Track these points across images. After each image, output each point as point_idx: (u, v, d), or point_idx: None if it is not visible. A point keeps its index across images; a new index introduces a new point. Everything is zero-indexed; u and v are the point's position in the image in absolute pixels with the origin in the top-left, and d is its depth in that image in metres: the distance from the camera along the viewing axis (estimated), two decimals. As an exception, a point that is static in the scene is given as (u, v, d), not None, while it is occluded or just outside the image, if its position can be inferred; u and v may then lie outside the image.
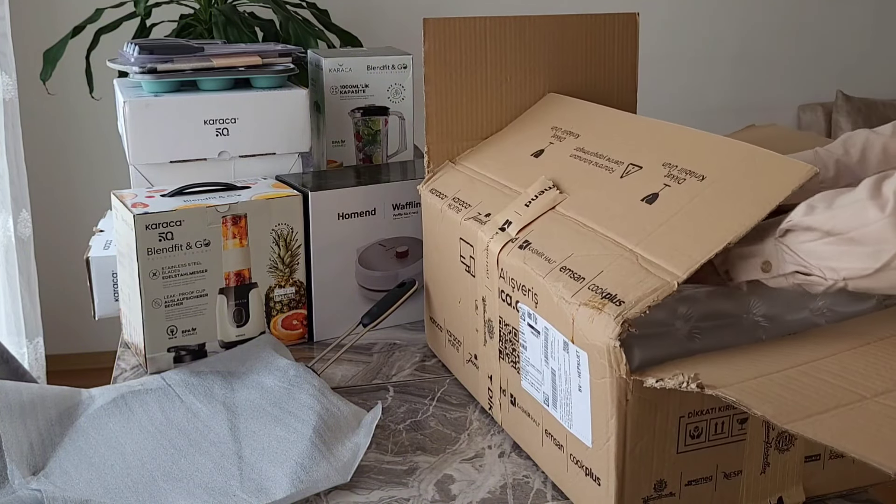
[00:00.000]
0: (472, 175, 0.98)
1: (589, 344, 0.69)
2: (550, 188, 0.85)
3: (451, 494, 0.80)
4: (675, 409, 0.70)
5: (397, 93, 1.29)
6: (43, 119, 2.66)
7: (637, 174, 0.80)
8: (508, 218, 0.86)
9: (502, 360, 0.87)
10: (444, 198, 0.98)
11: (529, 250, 0.80)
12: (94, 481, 0.80)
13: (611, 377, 0.67)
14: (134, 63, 1.14)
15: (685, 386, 0.62)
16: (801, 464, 0.76)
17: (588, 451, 0.73)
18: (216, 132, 1.14)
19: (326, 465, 0.82)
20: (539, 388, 0.80)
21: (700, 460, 0.72)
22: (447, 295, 0.99)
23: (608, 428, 0.69)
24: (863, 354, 0.69)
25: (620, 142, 0.87)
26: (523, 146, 0.97)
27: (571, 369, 0.73)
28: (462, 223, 0.92)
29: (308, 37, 2.17)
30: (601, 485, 0.72)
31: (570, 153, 0.90)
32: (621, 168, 0.82)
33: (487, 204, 0.91)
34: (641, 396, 0.67)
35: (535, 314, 0.78)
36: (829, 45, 3.27)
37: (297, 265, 1.07)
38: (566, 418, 0.76)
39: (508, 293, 0.83)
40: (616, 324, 0.66)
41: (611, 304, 0.67)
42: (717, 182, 0.72)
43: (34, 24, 2.59)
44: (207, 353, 1.03)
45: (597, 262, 0.73)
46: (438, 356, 1.06)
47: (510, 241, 0.83)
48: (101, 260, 1.12)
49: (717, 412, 0.71)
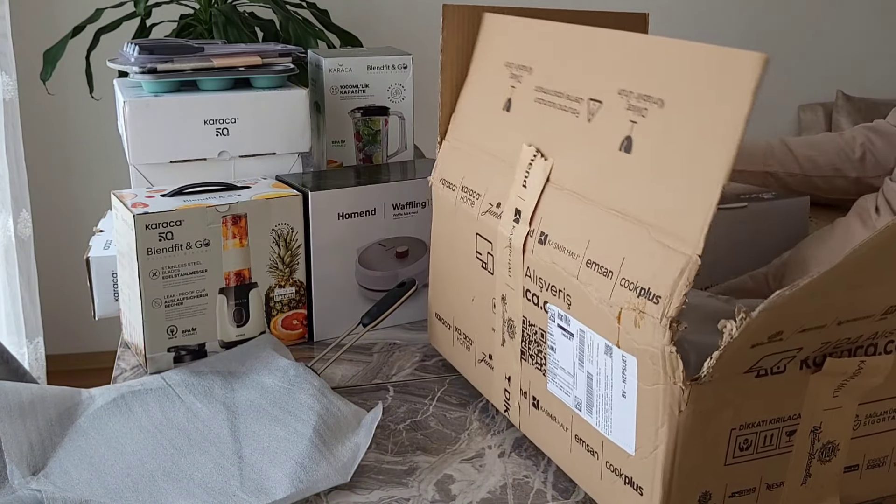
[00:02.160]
0: (467, 150, 0.95)
1: (639, 349, 0.67)
2: (535, 156, 0.83)
3: (451, 494, 0.80)
4: (728, 421, 0.68)
5: (397, 93, 1.29)
6: (43, 119, 2.66)
7: (601, 113, 0.76)
8: (517, 206, 0.84)
9: (524, 361, 0.85)
10: (454, 189, 0.96)
11: (550, 245, 0.78)
12: (94, 481, 0.80)
13: (665, 384, 0.65)
14: (134, 63, 1.14)
15: (734, 332, 0.60)
16: (841, 474, 0.75)
17: (629, 459, 0.71)
18: (216, 132, 1.14)
19: (326, 465, 0.81)
20: (570, 393, 0.78)
21: (746, 472, 0.71)
22: (458, 292, 0.97)
23: (657, 437, 0.67)
24: None
25: (572, 69, 0.82)
26: (492, 98, 0.93)
27: (615, 374, 0.71)
28: (479, 218, 0.90)
29: (308, 37, 2.17)
30: (643, 494, 0.69)
31: (533, 98, 0.86)
32: (584, 108, 0.78)
33: (493, 189, 0.89)
34: (696, 408, 0.65)
35: (568, 316, 0.76)
36: (829, 45, 3.27)
37: (297, 265, 1.07)
38: (604, 424, 0.73)
39: (535, 293, 0.81)
40: (664, 327, 0.63)
41: (649, 302, 0.65)
42: (677, 105, 0.68)
43: (34, 24, 2.59)
44: (207, 353, 1.03)
45: (616, 248, 0.70)
46: (443, 354, 1.05)
47: (528, 234, 0.81)
48: (101, 260, 1.12)
49: (769, 424, 0.70)
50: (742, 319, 0.60)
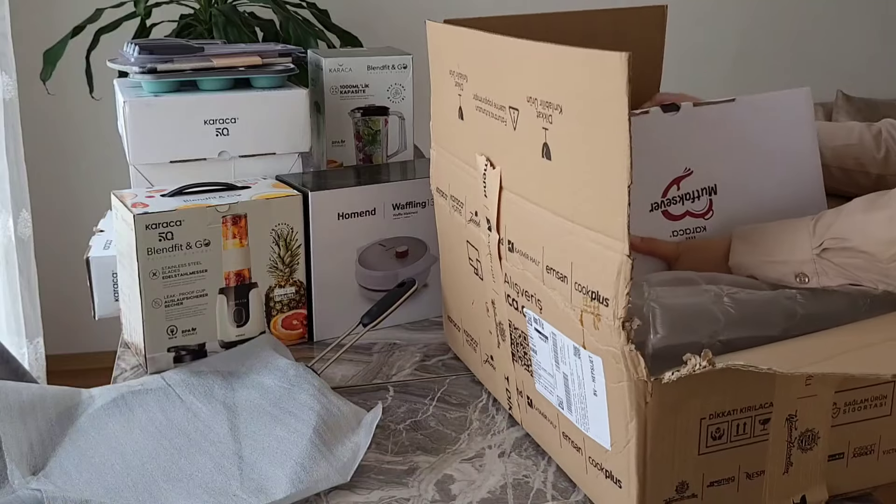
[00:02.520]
0: (448, 158, 0.97)
1: (602, 349, 0.69)
2: (486, 166, 0.84)
3: (451, 494, 0.80)
4: (696, 411, 0.70)
5: (397, 93, 1.29)
6: (43, 119, 2.66)
7: (521, 121, 0.77)
8: (486, 215, 0.85)
9: (516, 362, 0.87)
10: (445, 197, 0.98)
11: (517, 252, 0.80)
12: (94, 481, 0.80)
13: (628, 381, 0.67)
14: (134, 63, 1.14)
15: (697, 368, 0.62)
16: (825, 463, 0.76)
17: (607, 454, 0.72)
18: (216, 132, 1.14)
19: (326, 465, 0.81)
20: (552, 392, 0.80)
21: (722, 461, 0.72)
22: (462, 295, 0.99)
23: (628, 431, 0.69)
24: (877, 323, 0.70)
25: (494, 77, 0.83)
26: (448, 105, 0.94)
27: (585, 374, 0.73)
28: (466, 226, 0.92)
29: (308, 37, 2.17)
30: (622, 487, 0.71)
31: (475, 106, 0.87)
32: (508, 116, 0.79)
33: (470, 198, 0.90)
34: (661, 399, 0.67)
35: (541, 320, 0.78)
36: (829, 46, 3.27)
37: (297, 265, 1.07)
38: (582, 421, 0.75)
39: (515, 298, 0.83)
40: (618, 329, 0.66)
41: (601, 305, 0.67)
42: (572, 109, 0.69)
43: (34, 24, 2.59)
44: (207, 353, 1.03)
45: (566, 253, 0.72)
46: (458, 355, 1.06)
47: (500, 241, 0.83)
48: (101, 260, 1.12)
49: (739, 413, 0.71)
50: (707, 363, 0.63)
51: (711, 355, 0.63)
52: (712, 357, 0.62)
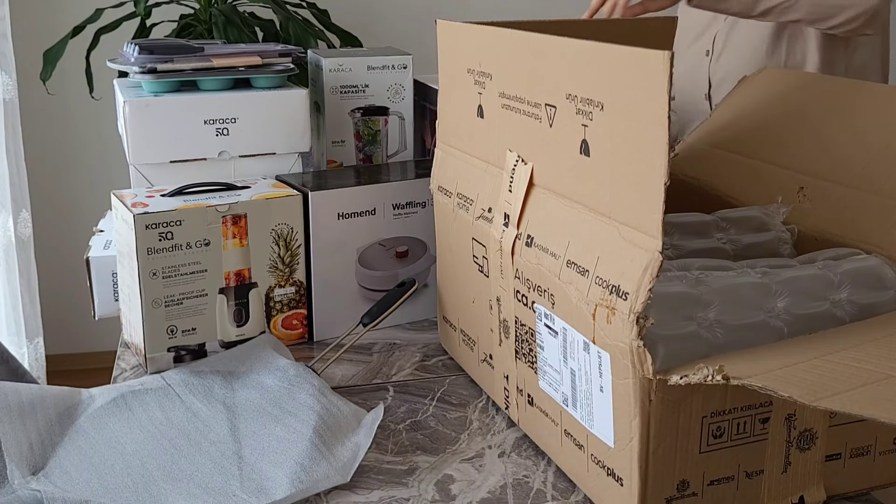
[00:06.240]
0: (457, 156, 0.98)
1: (611, 345, 0.70)
2: (517, 161, 0.85)
3: (451, 494, 0.80)
4: (698, 409, 0.70)
5: (397, 93, 1.29)
6: (43, 119, 2.66)
7: (559, 119, 0.78)
8: (506, 211, 0.86)
9: (519, 360, 0.87)
10: (450, 196, 0.98)
11: (536, 247, 0.81)
12: (93, 481, 0.80)
13: (634, 377, 0.67)
14: (134, 63, 1.14)
15: (710, 379, 0.62)
16: (823, 463, 0.76)
17: (610, 451, 0.73)
18: (216, 132, 1.14)
19: (326, 465, 0.82)
20: (558, 389, 0.80)
21: (722, 460, 0.73)
22: (460, 295, 0.99)
23: (631, 428, 0.69)
24: (886, 343, 0.70)
25: (526, 75, 0.84)
26: (465, 104, 0.95)
27: (592, 370, 0.73)
28: (474, 223, 0.92)
29: (308, 37, 2.17)
30: (624, 485, 0.72)
31: (500, 104, 0.88)
32: (543, 113, 0.80)
33: (484, 194, 0.91)
34: (665, 397, 0.68)
35: (553, 315, 0.78)
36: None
37: (297, 265, 1.07)
38: (587, 419, 0.76)
39: (524, 294, 0.83)
40: (632, 323, 0.66)
41: (619, 299, 0.68)
42: (613, 106, 0.70)
43: (34, 24, 2.59)
44: (207, 353, 1.03)
45: (592, 247, 0.73)
46: (452, 355, 1.06)
47: (517, 237, 0.84)
48: (101, 260, 1.12)
49: (740, 412, 0.72)
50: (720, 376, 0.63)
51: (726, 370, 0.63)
52: (727, 373, 0.62)
